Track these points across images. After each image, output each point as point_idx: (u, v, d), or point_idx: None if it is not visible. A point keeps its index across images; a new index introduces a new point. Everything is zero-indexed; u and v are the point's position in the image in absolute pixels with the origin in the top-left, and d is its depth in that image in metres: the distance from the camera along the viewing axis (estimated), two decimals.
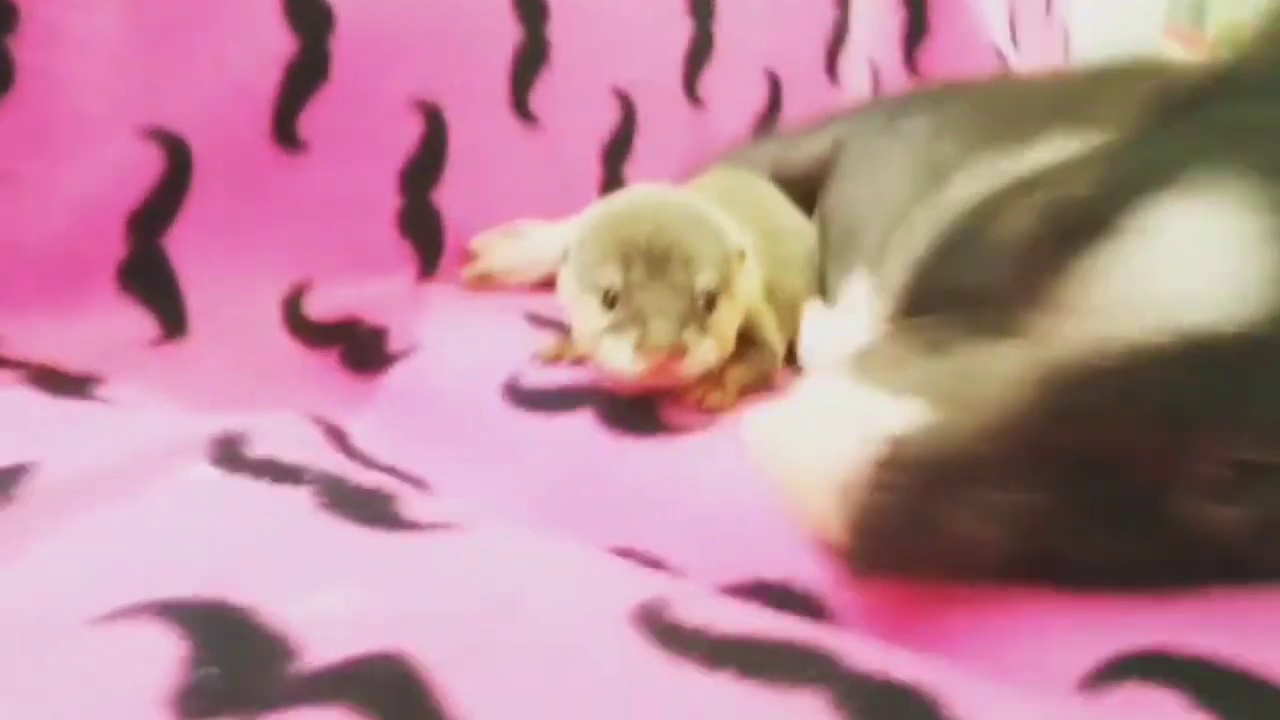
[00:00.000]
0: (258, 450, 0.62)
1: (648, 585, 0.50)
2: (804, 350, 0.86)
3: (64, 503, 0.52)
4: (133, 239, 0.88)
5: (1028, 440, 0.39)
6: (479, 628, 0.42)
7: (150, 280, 0.88)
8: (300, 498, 0.56)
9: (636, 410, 0.75)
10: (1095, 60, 1.01)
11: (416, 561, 0.49)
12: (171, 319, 0.89)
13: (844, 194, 1.09)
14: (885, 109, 1.17)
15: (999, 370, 0.40)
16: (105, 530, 0.51)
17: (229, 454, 0.60)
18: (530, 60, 1.13)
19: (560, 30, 1.14)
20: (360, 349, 0.94)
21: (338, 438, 0.78)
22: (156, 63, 0.87)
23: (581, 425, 0.74)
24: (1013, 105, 0.92)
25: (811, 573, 0.56)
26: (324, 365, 0.93)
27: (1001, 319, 0.43)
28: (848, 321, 0.84)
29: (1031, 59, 1.81)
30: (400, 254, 1.04)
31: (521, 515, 0.66)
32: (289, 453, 0.63)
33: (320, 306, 0.96)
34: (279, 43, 0.90)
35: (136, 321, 0.87)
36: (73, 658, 0.41)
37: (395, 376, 0.88)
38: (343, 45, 0.94)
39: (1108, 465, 0.41)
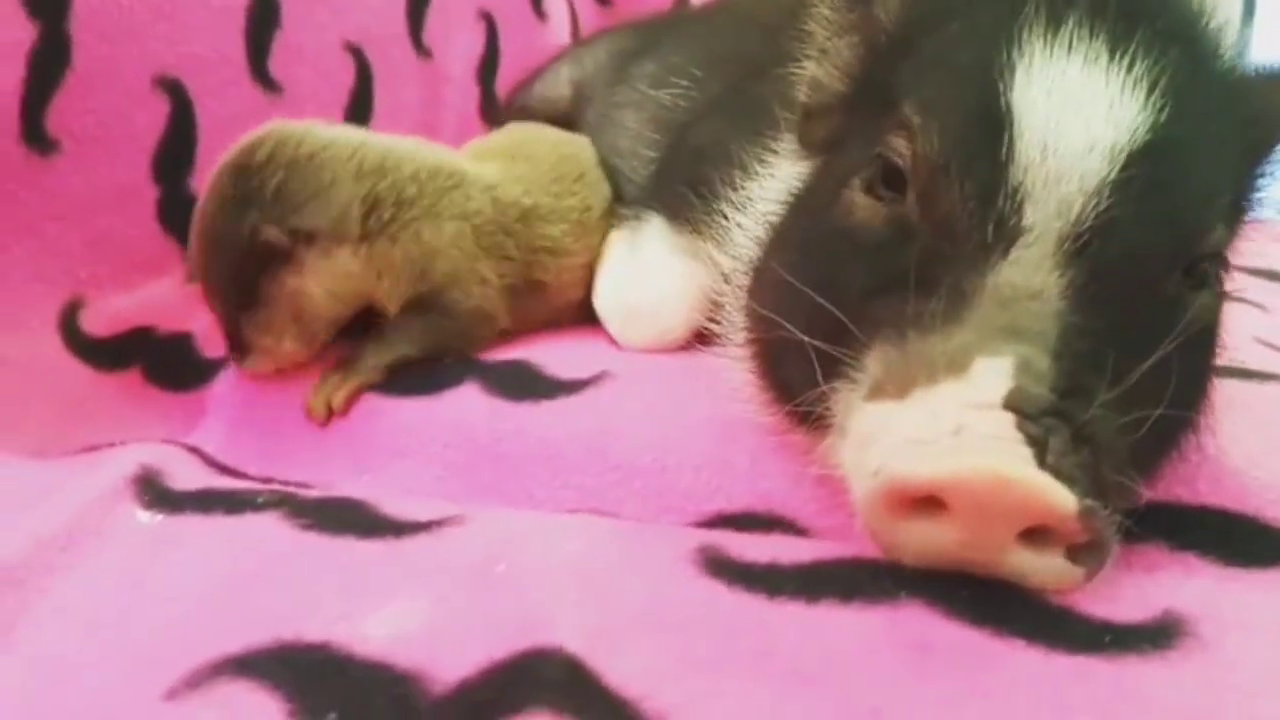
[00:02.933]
0: (183, 482, 0.57)
1: (676, 534, 0.51)
2: (601, 291, 0.90)
3: (24, 581, 0.46)
4: None
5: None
6: (590, 609, 0.42)
7: None
8: (273, 524, 0.52)
9: (519, 373, 0.75)
10: None
11: (457, 562, 0.48)
12: None
13: (600, 147, 1.11)
14: (614, 55, 1.21)
15: (1028, 283, 0.45)
16: (91, 604, 0.46)
17: (157, 493, 0.55)
18: (263, 23, 1.05)
19: None
20: (165, 362, 0.86)
21: (202, 458, 0.72)
22: None
23: (472, 396, 0.73)
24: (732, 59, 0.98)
25: (768, 498, 0.61)
26: (127, 388, 0.84)
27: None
28: (642, 262, 0.89)
29: None
30: (166, 251, 0.95)
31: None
32: (210, 480, 0.58)
33: (100, 322, 0.87)
34: (19, 31, 0.79)
35: None
36: None
37: (225, 384, 0.82)
38: (82, 28, 0.83)
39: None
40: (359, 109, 1.18)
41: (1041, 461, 0.40)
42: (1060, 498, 0.40)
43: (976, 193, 0.48)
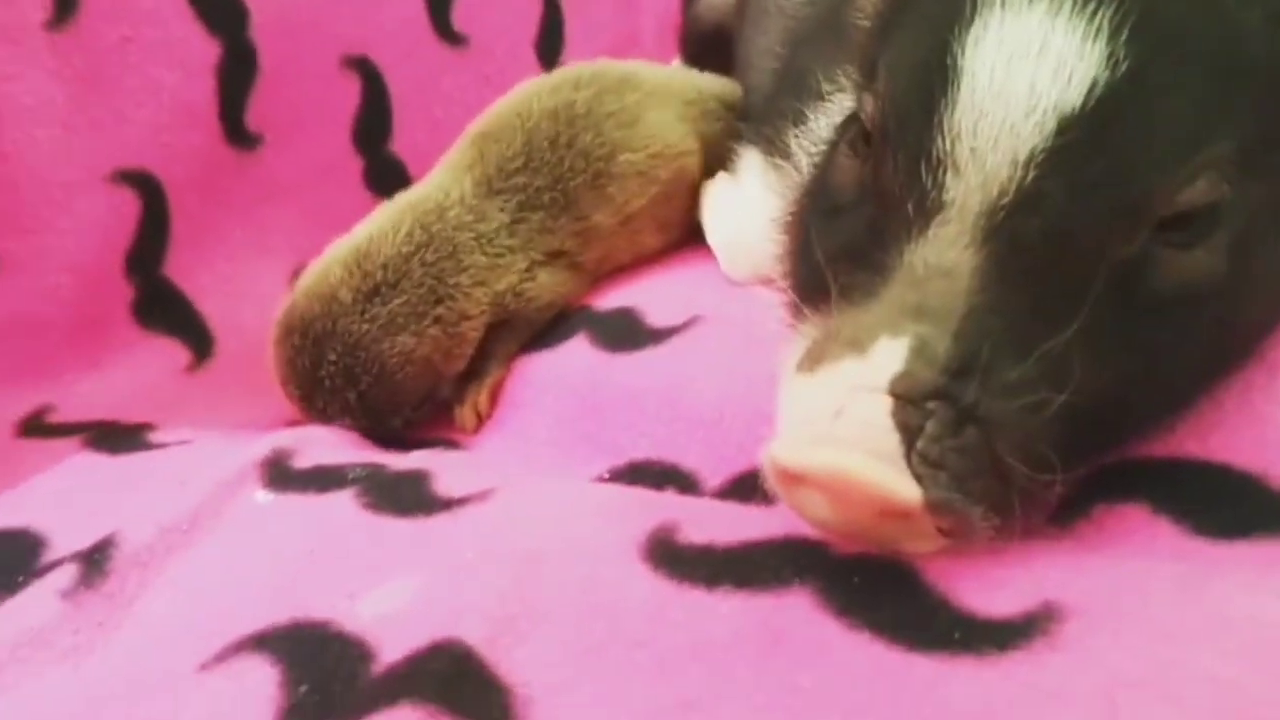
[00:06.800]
0: (305, 460, 0.69)
1: (656, 510, 0.56)
2: (707, 225, 0.94)
3: (148, 563, 0.60)
4: (136, 278, 0.94)
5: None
6: (514, 598, 0.50)
7: (166, 311, 0.95)
8: (345, 502, 0.63)
9: (621, 323, 0.82)
10: None
11: (453, 544, 0.56)
12: (197, 341, 0.95)
13: (743, 55, 1.10)
14: None
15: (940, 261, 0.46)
16: (190, 579, 0.59)
17: (278, 472, 0.67)
18: None
19: None
20: None
21: None
22: (99, 110, 0.91)
23: (580, 349, 0.81)
24: None
25: None
26: None
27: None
28: (741, 196, 0.91)
29: None
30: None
31: (541, 455, 0.75)
32: (330, 455, 0.71)
33: None
34: (202, 50, 0.93)
35: (165, 353, 0.94)
36: (195, 703, 0.49)
37: None
38: (262, 33, 0.96)
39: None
40: (549, 46, 1.25)
41: (910, 448, 0.41)
42: (903, 492, 0.41)
43: (904, 165, 0.47)
